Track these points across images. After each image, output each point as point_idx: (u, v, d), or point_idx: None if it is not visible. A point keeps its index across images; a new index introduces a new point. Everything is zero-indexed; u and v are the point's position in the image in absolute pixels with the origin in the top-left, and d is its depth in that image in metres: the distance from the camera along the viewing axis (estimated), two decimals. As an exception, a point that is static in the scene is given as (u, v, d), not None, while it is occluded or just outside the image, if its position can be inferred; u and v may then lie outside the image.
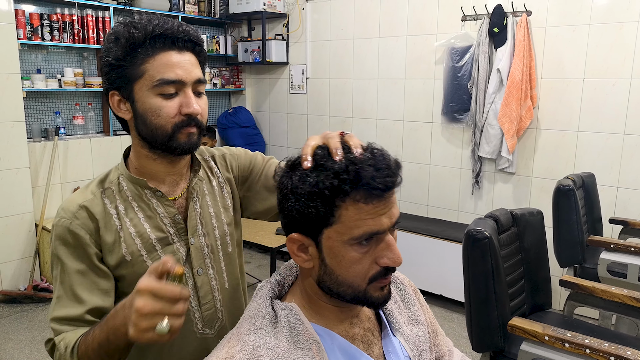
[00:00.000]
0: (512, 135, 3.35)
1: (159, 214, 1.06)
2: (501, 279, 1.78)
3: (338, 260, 0.79)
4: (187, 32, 1.01)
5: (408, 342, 0.93)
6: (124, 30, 0.98)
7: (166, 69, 0.97)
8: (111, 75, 1.00)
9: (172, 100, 0.99)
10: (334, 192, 0.75)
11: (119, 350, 0.92)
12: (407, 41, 3.95)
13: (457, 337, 3.13)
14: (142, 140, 1.03)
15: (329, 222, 0.77)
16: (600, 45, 3.13)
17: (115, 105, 1.03)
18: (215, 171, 1.18)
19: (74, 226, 1.00)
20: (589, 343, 1.54)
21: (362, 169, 0.75)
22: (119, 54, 0.98)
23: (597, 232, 2.79)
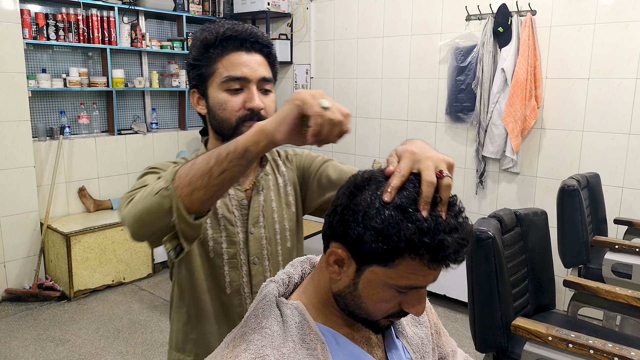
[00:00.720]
0: (516, 135, 3.35)
1: (229, 194, 1.14)
2: (505, 279, 1.77)
3: (371, 294, 0.78)
4: (255, 34, 1.10)
5: (411, 344, 0.93)
6: (200, 33, 1.11)
7: (233, 67, 1.07)
8: (190, 74, 1.13)
9: (237, 95, 1.08)
10: (408, 248, 0.70)
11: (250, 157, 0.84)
12: (411, 41, 3.94)
13: (460, 338, 3.12)
14: (215, 133, 1.14)
15: (384, 263, 0.73)
16: (605, 45, 3.12)
17: (195, 102, 1.15)
18: (282, 169, 1.24)
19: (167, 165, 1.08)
20: (593, 344, 1.54)
21: (447, 240, 0.69)
22: (195, 54, 1.10)
23: (601, 233, 2.78)
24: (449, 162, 0.75)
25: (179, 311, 1.20)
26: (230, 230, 1.13)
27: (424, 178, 0.72)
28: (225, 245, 1.13)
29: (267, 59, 1.12)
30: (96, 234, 3.69)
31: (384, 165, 0.86)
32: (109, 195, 4.19)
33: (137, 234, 0.93)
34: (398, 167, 0.74)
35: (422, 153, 0.74)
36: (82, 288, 3.67)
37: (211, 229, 1.12)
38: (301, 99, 0.78)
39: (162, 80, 4.46)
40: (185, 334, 1.18)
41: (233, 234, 1.13)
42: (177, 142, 4.65)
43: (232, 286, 1.15)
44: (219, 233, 1.13)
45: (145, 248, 4.02)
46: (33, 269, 3.70)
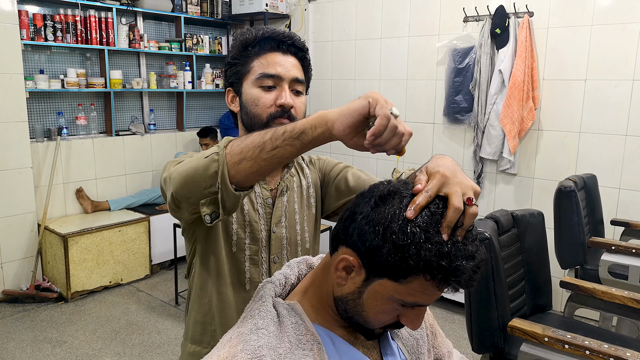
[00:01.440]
0: (513, 136, 3.35)
1: (255, 191, 1.17)
2: (501, 280, 1.78)
3: (375, 304, 0.78)
4: (292, 37, 1.15)
5: (406, 345, 0.93)
6: (241, 34, 1.17)
7: (269, 65, 1.12)
8: (228, 72, 1.18)
9: (270, 92, 1.12)
10: (425, 269, 0.71)
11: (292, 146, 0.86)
12: (409, 42, 3.95)
13: (457, 339, 3.13)
14: (245, 130, 1.16)
15: (396, 277, 0.74)
16: (602, 47, 3.13)
17: (230, 100, 1.19)
18: (306, 171, 1.27)
19: None
20: (589, 344, 1.54)
21: (463, 267, 0.71)
22: (234, 53, 1.16)
23: (598, 234, 2.78)
24: (477, 190, 0.76)
25: (199, 302, 1.19)
26: (254, 227, 1.16)
27: (451, 203, 0.72)
28: (248, 241, 1.16)
29: (302, 63, 1.17)
30: (94, 235, 3.68)
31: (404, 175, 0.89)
32: (106, 196, 4.18)
33: (179, 192, 0.96)
34: (426, 187, 0.74)
35: (452, 178, 0.74)
36: (80, 289, 3.66)
37: (236, 223, 1.14)
38: (375, 98, 0.78)
39: (160, 82, 4.46)
40: (204, 325, 1.17)
41: (256, 231, 1.16)
42: (174, 143, 4.65)
43: (252, 282, 1.17)
44: (243, 229, 1.15)
45: (143, 249, 4.02)
46: (30, 270, 3.70)
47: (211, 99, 5.08)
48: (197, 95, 4.92)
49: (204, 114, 5.05)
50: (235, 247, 1.15)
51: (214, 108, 5.12)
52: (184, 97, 4.58)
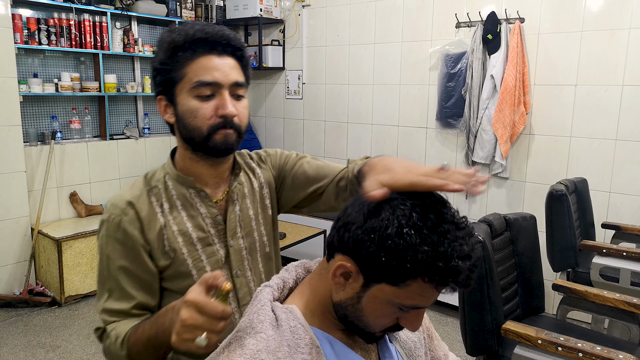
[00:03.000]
0: (505, 141, 3.39)
1: (201, 213, 1.10)
2: (495, 283, 1.80)
3: (374, 309, 0.79)
4: (228, 36, 1.04)
5: (404, 348, 0.94)
6: (168, 36, 1.04)
7: (204, 72, 1.01)
8: (157, 79, 1.06)
9: (208, 102, 1.02)
10: (423, 271, 0.72)
11: (165, 346, 0.94)
12: (402, 47, 3.98)
13: (451, 341, 3.15)
14: (184, 143, 1.07)
15: (395, 282, 0.75)
16: (592, 52, 3.18)
17: (163, 109, 1.08)
18: (257, 172, 1.22)
19: (124, 223, 1.04)
20: (582, 347, 1.56)
21: (460, 267, 0.72)
22: (162, 57, 1.03)
23: (589, 237, 2.82)
24: None
25: None
26: (210, 250, 1.11)
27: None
28: (209, 268, 1.10)
29: (240, 63, 1.07)
30: (87, 239, 3.67)
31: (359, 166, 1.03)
32: (100, 200, 4.17)
33: None
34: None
35: None
36: (73, 294, 3.64)
37: (190, 257, 1.08)
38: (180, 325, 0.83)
39: (154, 86, 4.45)
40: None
41: (213, 252, 1.11)
42: (169, 147, 4.64)
43: None
44: (198, 257, 1.10)
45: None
46: (23, 275, 3.68)
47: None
48: (191, 99, 4.91)
49: (198, 118, 5.04)
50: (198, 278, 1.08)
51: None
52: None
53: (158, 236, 1.06)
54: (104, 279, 1.07)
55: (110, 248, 1.05)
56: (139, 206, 1.06)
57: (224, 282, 0.80)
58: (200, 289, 0.81)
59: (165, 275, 1.09)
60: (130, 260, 1.05)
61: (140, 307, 1.06)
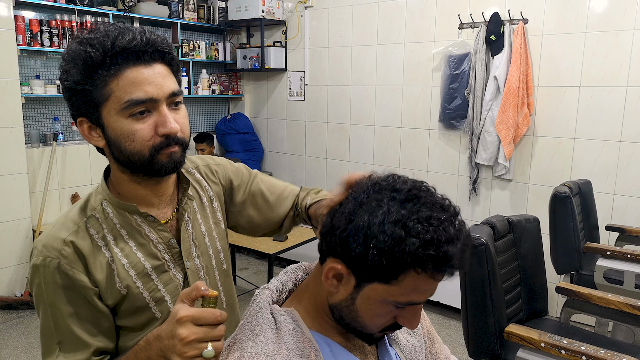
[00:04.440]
0: (509, 142, 3.37)
1: (152, 240, 0.98)
2: (498, 285, 1.78)
3: (368, 309, 0.78)
4: (153, 42, 0.89)
5: (404, 352, 0.93)
6: (80, 49, 0.86)
7: (134, 88, 0.87)
8: (74, 101, 0.89)
9: (145, 121, 0.89)
10: (414, 263, 0.71)
11: None
12: (405, 48, 3.97)
13: (454, 344, 3.13)
14: (121, 166, 0.94)
15: (387, 280, 0.74)
16: (596, 53, 3.16)
17: (86, 132, 0.93)
18: (204, 184, 1.12)
19: (64, 266, 0.91)
20: (586, 350, 1.54)
21: (451, 250, 0.71)
22: (78, 77, 0.87)
23: (593, 239, 2.80)
24: None
25: None
26: (166, 277, 1.00)
27: None
28: (168, 297, 1.00)
29: (170, 67, 0.93)
30: (89, 240, 3.66)
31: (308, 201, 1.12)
32: (102, 201, 4.17)
33: None
34: None
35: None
36: (75, 295, 3.64)
37: (145, 289, 0.97)
38: None
39: (156, 87, 4.45)
40: None
41: (170, 279, 1.00)
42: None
43: None
44: (155, 287, 0.98)
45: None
46: (25, 277, 3.67)
47: (208, 104, 5.08)
48: (193, 101, 4.92)
49: (201, 119, 5.05)
50: (158, 311, 1.00)
51: (211, 113, 5.13)
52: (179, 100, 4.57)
53: (107, 274, 0.94)
54: (51, 333, 0.94)
55: (53, 296, 0.92)
56: (78, 243, 0.92)
57: (209, 290, 0.79)
58: (184, 305, 0.78)
59: (121, 312, 0.97)
60: (79, 305, 0.93)
61: (98, 353, 0.95)
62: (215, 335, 0.78)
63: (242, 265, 4.51)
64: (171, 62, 0.93)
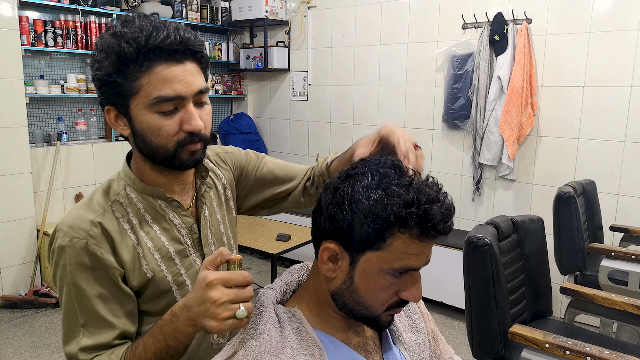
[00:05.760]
0: (512, 142, 3.36)
1: (175, 225, 1.01)
2: (502, 285, 1.78)
3: (367, 284, 0.79)
4: (186, 40, 0.90)
5: (408, 350, 0.93)
6: (114, 43, 0.87)
7: (163, 85, 0.88)
8: (104, 90, 0.91)
9: (172, 117, 0.91)
10: (397, 222, 0.74)
11: (178, 354, 0.89)
12: (408, 48, 3.97)
13: (457, 345, 3.12)
14: (143, 155, 0.97)
15: (376, 246, 0.76)
16: (600, 53, 3.15)
17: (113, 120, 0.95)
18: (218, 172, 1.15)
19: (92, 247, 0.92)
20: (590, 351, 1.54)
21: (431, 209, 0.74)
22: (110, 70, 0.88)
23: (597, 240, 2.79)
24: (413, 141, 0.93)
25: None
26: (187, 262, 1.02)
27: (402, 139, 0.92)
28: (189, 282, 1.02)
29: (200, 65, 0.94)
30: (93, 240, 3.67)
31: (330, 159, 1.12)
32: (105, 201, 4.18)
33: None
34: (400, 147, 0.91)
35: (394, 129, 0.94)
36: (78, 295, 3.65)
37: (170, 273, 0.99)
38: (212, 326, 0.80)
39: (160, 87, 4.46)
40: None
41: (191, 264, 1.03)
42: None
43: None
44: (178, 271, 1.01)
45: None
46: (29, 276, 3.68)
47: (211, 104, 5.08)
48: (196, 101, 4.93)
49: (204, 119, 5.05)
50: (180, 296, 1.01)
51: (214, 113, 5.09)
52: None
53: (133, 256, 0.95)
54: (74, 315, 0.93)
55: (79, 276, 0.92)
56: (105, 224, 0.94)
57: (233, 254, 0.81)
58: (210, 270, 0.80)
59: (144, 296, 0.98)
60: (105, 286, 0.93)
61: (122, 336, 0.95)
62: (246, 296, 0.79)
63: (246, 265, 4.51)
64: (201, 60, 0.95)
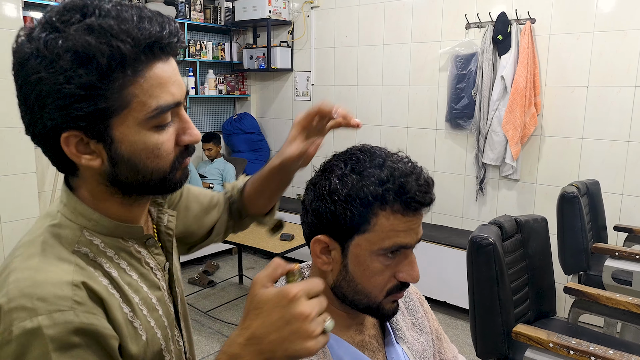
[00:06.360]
0: (516, 142, 3.36)
1: (151, 267, 0.80)
2: (505, 285, 1.78)
3: (362, 269, 0.80)
4: (177, 31, 0.70)
5: (411, 349, 0.94)
6: (97, 41, 0.62)
7: (160, 91, 0.68)
8: (71, 110, 0.64)
9: (167, 130, 0.70)
10: (376, 200, 0.76)
11: None
12: (412, 48, 3.97)
13: (461, 344, 3.12)
14: (113, 188, 0.72)
15: (362, 228, 0.78)
16: (604, 53, 3.14)
17: (74, 151, 0.68)
18: None
19: (82, 317, 0.65)
20: (594, 350, 1.54)
21: (407, 182, 0.77)
22: (92, 79, 0.63)
23: (601, 240, 2.78)
24: None
25: None
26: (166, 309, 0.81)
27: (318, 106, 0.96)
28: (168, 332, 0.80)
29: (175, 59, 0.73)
30: (97, 240, 3.69)
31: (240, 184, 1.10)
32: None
33: None
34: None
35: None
36: (82, 294, 3.66)
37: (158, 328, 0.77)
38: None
39: (164, 87, 4.47)
40: None
41: (168, 312, 0.81)
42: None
43: None
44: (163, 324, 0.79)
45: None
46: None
47: (214, 104, 5.10)
48: (200, 101, 4.94)
49: (207, 119, 5.06)
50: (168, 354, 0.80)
51: (217, 113, 5.14)
52: (187, 103, 4.60)
53: (124, 318, 0.71)
54: None
55: None
56: (90, 284, 0.68)
57: (288, 265, 0.68)
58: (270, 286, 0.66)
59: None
60: None
61: None
62: (325, 305, 0.66)
63: (249, 265, 4.51)
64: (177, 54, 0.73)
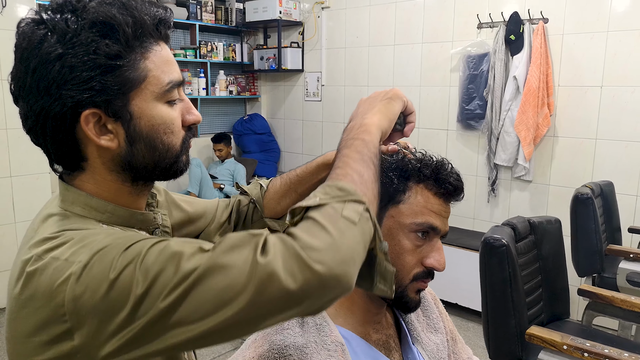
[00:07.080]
0: (528, 143, 3.33)
1: None
2: (519, 287, 1.77)
3: (393, 244, 0.83)
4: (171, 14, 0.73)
5: (426, 350, 0.94)
6: (120, 13, 0.64)
7: (168, 67, 0.70)
8: (96, 82, 0.63)
9: (176, 107, 0.72)
10: (413, 173, 0.85)
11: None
12: (423, 49, 3.95)
13: (473, 347, 3.10)
14: (124, 174, 0.71)
15: (398, 198, 0.84)
16: (618, 53, 3.11)
17: (93, 131, 0.66)
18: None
19: None
20: (609, 353, 1.52)
21: (443, 167, 0.87)
22: (120, 48, 0.64)
23: (616, 241, 2.75)
24: None
25: None
26: None
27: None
28: None
29: None
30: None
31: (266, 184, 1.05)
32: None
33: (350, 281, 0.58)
34: None
35: None
36: (95, 294, 3.68)
37: None
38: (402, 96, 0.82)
39: (175, 88, 4.51)
40: None
41: None
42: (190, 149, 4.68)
43: None
44: None
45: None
46: (46, 275, 3.73)
47: (225, 105, 5.12)
48: (211, 102, 4.96)
49: (218, 120, 5.09)
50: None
51: (228, 114, 5.16)
52: (198, 104, 4.62)
53: None
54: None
55: None
56: None
57: None
58: None
59: None
60: None
61: None
62: None
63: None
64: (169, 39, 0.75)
